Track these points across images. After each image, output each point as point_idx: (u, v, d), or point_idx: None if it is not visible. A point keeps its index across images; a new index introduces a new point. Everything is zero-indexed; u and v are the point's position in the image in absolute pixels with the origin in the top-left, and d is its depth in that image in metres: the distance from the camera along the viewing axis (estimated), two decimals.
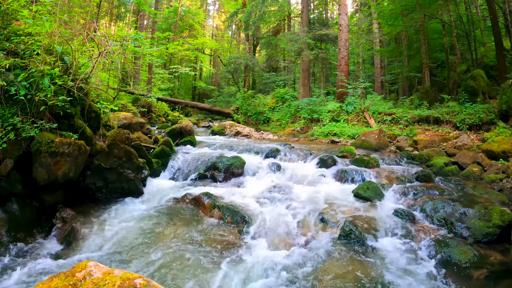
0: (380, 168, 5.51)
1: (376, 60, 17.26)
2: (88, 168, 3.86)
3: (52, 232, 3.26)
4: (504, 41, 10.75)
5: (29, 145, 3.17)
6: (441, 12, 12.71)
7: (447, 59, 12.28)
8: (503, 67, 9.80)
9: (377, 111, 10.52)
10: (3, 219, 3.00)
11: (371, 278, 2.54)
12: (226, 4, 29.04)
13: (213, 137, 9.27)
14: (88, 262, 1.38)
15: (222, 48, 31.38)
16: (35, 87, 3.14)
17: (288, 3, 19.65)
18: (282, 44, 17.95)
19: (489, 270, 2.63)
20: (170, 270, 2.59)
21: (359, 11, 21.47)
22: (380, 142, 7.61)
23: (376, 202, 4.06)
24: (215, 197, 3.96)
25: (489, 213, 3.24)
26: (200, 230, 3.37)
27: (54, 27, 3.64)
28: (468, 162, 5.65)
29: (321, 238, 3.22)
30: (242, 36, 27.31)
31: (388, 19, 13.99)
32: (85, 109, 4.05)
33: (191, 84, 26.85)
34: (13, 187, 3.16)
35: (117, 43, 4.79)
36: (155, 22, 19.60)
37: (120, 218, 3.60)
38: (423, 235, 3.24)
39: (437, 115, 8.78)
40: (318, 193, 4.38)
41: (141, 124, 6.87)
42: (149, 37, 15.07)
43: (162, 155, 5.45)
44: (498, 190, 4.40)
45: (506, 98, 7.31)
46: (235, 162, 5.18)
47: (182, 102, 18.63)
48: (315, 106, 11.68)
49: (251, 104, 14.24)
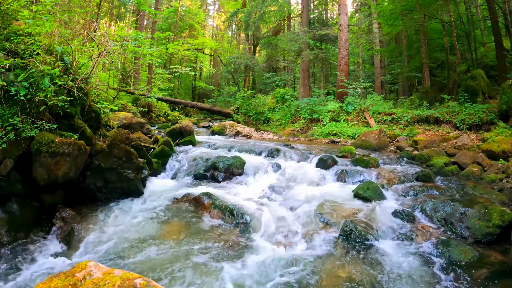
0: (380, 168, 5.51)
1: (376, 60, 17.25)
2: (88, 168, 3.86)
3: (52, 232, 3.27)
4: (504, 41, 10.75)
5: (29, 145, 3.17)
6: (441, 12, 12.72)
7: (447, 59, 12.28)
8: (503, 67, 9.80)
9: (377, 111, 10.51)
10: (3, 219, 3.01)
11: (371, 278, 2.54)
12: (226, 4, 29.02)
13: (213, 137, 9.27)
14: (88, 262, 1.38)
15: (222, 48, 31.36)
16: (35, 87, 3.14)
17: (288, 3, 19.64)
18: (282, 44, 17.97)
19: (489, 270, 2.63)
20: (170, 270, 2.60)
21: (359, 11, 21.47)
22: (380, 142, 7.61)
23: (376, 202, 4.06)
24: (215, 197, 3.96)
25: (489, 213, 3.24)
26: (200, 230, 3.37)
27: (54, 27, 3.64)
28: (468, 162, 5.65)
29: (321, 238, 3.21)
30: (242, 36, 27.31)
31: (388, 19, 13.99)
32: (85, 109, 4.04)
33: (191, 84, 26.84)
34: (13, 187, 3.17)
35: (117, 43, 4.80)
36: (155, 22, 19.59)
37: (120, 218, 3.61)
38: (423, 235, 3.24)
39: (437, 115, 8.78)
40: (318, 193, 4.38)
41: (141, 124, 6.88)
42: (149, 37, 15.08)
43: (162, 155, 5.46)
44: (498, 190, 4.40)
45: (506, 98, 7.31)
46: (235, 162, 5.18)
47: (182, 102, 18.62)
48: (315, 106, 11.67)
49: (251, 104, 14.24)
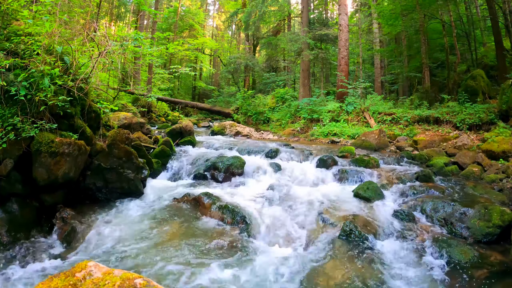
0: (380, 168, 5.51)
1: (376, 60, 17.26)
2: (88, 168, 3.86)
3: (52, 232, 3.26)
4: (504, 41, 10.75)
5: (29, 145, 3.17)
6: (441, 12, 12.72)
7: (447, 59, 12.28)
8: (503, 67, 9.80)
9: (377, 111, 10.51)
10: (3, 219, 3.00)
11: (371, 278, 2.54)
12: (226, 4, 29.01)
13: (213, 137, 9.26)
14: (88, 262, 1.38)
15: (222, 48, 31.35)
16: (35, 87, 3.14)
17: (288, 3, 19.65)
18: (282, 44, 17.98)
19: (489, 270, 2.63)
20: (170, 270, 2.59)
21: (359, 11, 21.45)
22: (380, 142, 7.61)
23: (376, 202, 4.06)
24: (215, 197, 3.96)
25: (489, 213, 3.24)
26: (200, 230, 3.37)
27: (54, 27, 3.64)
28: (468, 162, 5.65)
29: (321, 238, 3.21)
30: (242, 36, 27.31)
31: (388, 19, 13.99)
32: (85, 109, 4.04)
33: (191, 84, 26.84)
34: (13, 187, 3.16)
35: (117, 43, 4.79)
36: (155, 22, 19.60)
37: (120, 218, 3.61)
38: (423, 235, 3.24)
39: (437, 115, 8.78)
40: (318, 193, 4.38)
41: (141, 124, 6.88)
42: (149, 37, 15.09)
43: (162, 155, 5.45)
44: (498, 190, 4.40)
45: (506, 98, 7.32)
46: (235, 162, 5.18)
47: (182, 102, 18.63)
48: (315, 106, 11.67)
49: (251, 104, 14.24)
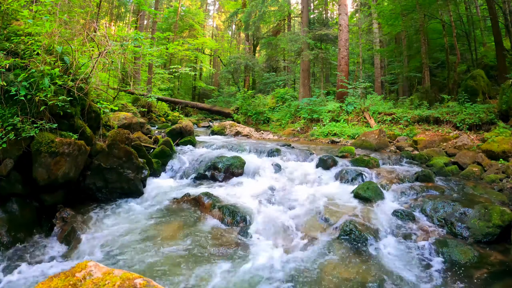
0: (380, 168, 5.51)
1: (376, 60, 17.25)
2: (88, 168, 3.86)
3: (52, 232, 3.27)
4: (504, 41, 10.75)
5: (29, 145, 3.17)
6: (441, 12, 12.71)
7: (447, 59, 12.28)
8: (503, 67, 9.80)
9: (377, 111, 10.51)
10: (3, 219, 3.00)
11: (371, 277, 2.54)
12: (226, 4, 29.01)
13: (213, 137, 9.26)
14: (88, 262, 1.38)
15: (222, 48, 31.36)
16: (35, 87, 3.14)
17: (288, 3, 19.64)
18: (282, 44, 17.96)
19: (489, 270, 2.63)
20: (170, 270, 2.60)
21: (359, 11, 21.45)
22: (380, 142, 7.61)
23: (376, 202, 4.05)
24: (215, 197, 3.96)
25: (489, 213, 3.24)
26: (200, 230, 3.37)
27: (54, 27, 3.64)
28: (468, 162, 5.65)
29: (321, 238, 3.22)
30: (242, 36, 27.29)
31: (388, 19, 13.98)
32: (85, 109, 4.05)
33: (191, 84, 26.84)
34: (13, 187, 3.16)
35: (117, 43, 4.79)
36: (155, 22, 19.60)
37: (120, 218, 3.61)
38: (423, 235, 3.24)
39: (437, 115, 8.78)
40: (318, 193, 4.38)
41: (141, 124, 6.88)
42: (149, 37, 15.08)
43: (162, 155, 5.45)
44: (498, 190, 4.40)
45: (506, 98, 7.31)
46: (235, 162, 5.17)
47: (182, 102, 18.62)
48: (315, 106, 11.67)
49: (251, 104, 14.23)
